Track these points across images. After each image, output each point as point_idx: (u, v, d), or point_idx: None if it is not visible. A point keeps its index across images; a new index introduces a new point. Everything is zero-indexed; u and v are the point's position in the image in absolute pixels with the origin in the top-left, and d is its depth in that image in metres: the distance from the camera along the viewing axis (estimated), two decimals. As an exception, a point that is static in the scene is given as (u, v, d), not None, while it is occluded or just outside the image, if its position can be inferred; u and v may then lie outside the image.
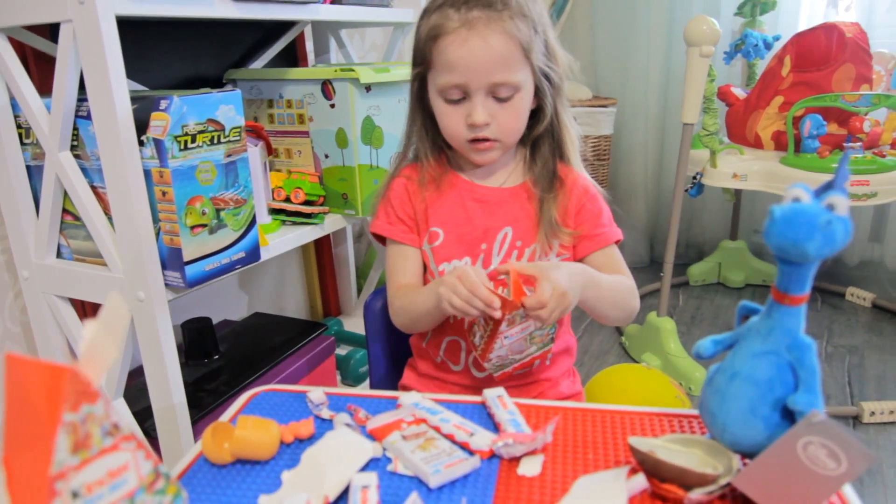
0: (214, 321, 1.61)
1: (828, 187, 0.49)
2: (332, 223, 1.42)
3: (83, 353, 0.41)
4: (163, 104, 0.97)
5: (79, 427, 0.39)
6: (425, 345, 0.99)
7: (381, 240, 0.99)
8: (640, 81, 2.57)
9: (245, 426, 0.60)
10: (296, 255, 1.93)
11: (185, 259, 1.01)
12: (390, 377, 1.10)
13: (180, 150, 0.98)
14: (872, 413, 1.63)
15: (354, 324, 1.89)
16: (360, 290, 2.04)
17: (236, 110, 1.06)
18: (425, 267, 0.97)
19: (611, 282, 0.87)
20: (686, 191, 1.85)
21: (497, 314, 0.72)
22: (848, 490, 0.54)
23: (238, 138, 1.07)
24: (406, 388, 1.05)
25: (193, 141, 1.00)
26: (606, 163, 2.59)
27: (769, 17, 2.18)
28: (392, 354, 1.10)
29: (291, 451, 0.62)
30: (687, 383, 1.78)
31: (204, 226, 1.03)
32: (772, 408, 0.52)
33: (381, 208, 0.98)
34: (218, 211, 1.06)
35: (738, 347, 0.54)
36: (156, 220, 1.01)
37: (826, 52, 1.77)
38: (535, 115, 0.90)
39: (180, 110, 0.97)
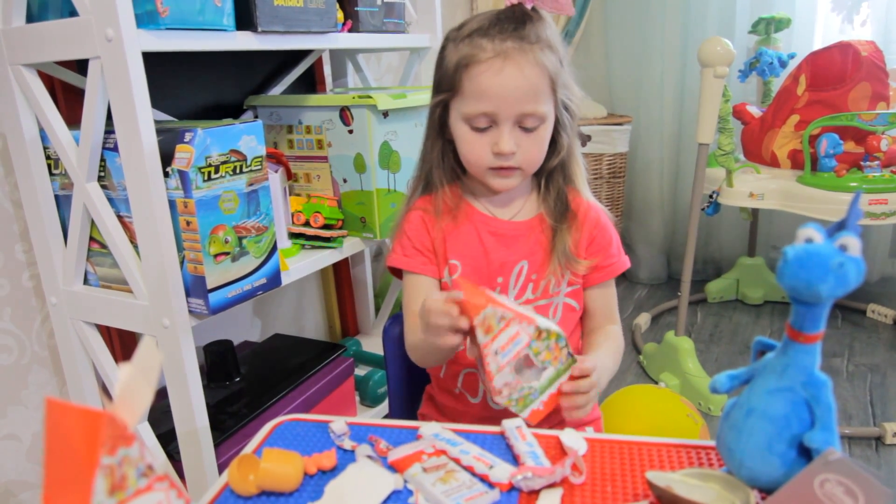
0: (235, 342, 1.63)
1: (840, 227, 0.50)
2: (350, 246, 1.44)
3: (118, 397, 0.42)
4: (187, 136, 0.99)
5: (115, 469, 0.40)
6: (442, 376, 1.00)
7: (398, 273, 1.00)
8: (655, 99, 2.58)
9: (270, 458, 0.62)
10: (314, 276, 1.96)
11: (209, 287, 1.03)
12: (410, 403, 1.11)
13: (204, 180, 1.00)
14: (895, 434, 1.61)
15: (372, 344, 1.90)
16: (377, 310, 2.05)
17: (258, 140, 1.09)
18: None
19: (613, 362, 0.91)
20: (702, 210, 1.85)
21: (458, 319, 0.70)
22: (866, 525, 0.55)
23: (259, 167, 1.10)
24: (425, 417, 1.06)
25: (217, 171, 1.02)
26: (622, 180, 2.60)
27: (784, 34, 2.19)
28: (411, 379, 1.12)
29: (315, 482, 0.64)
30: (706, 403, 1.77)
31: (227, 254, 1.06)
32: (788, 444, 0.52)
33: (396, 242, 0.99)
34: (240, 239, 1.08)
35: (754, 383, 0.55)
36: (180, 248, 1.03)
37: (841, 72, 1.77)
38: (551, 146, 0.91)
39: (204, 142, 0.99)
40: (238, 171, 1.06)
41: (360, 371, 1.74)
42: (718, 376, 0.58)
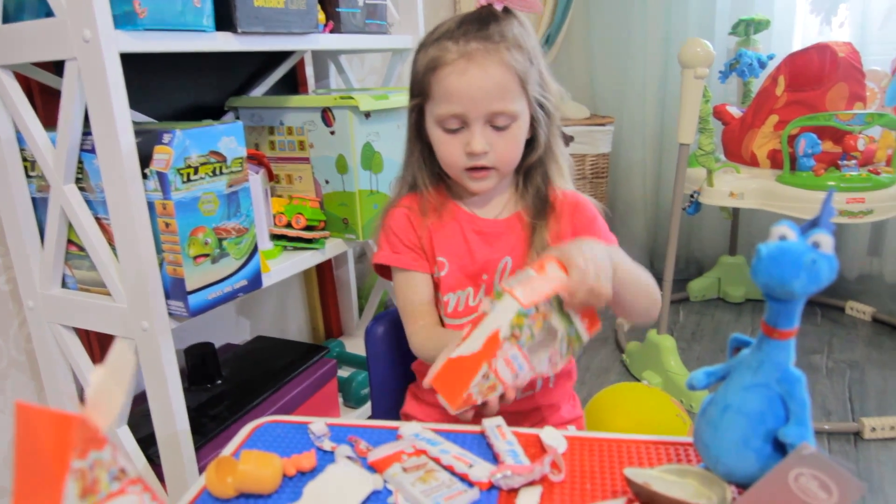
0: (217, 345, 1.62)
1: (813, 224, 0.50)
2: (332, 248, 1.43)
3: (90, 400, 0.42)
4: (166, 138, 0.99)
5: (87, 473, 0.40)
6: None
7: (385, 272, 0.99)
8: (637, 100, 2.60)
9: (248, 460, 0.61)
10: (297, 277, 1.95)
11: (189, 289, 1.02)
12: (392, 403, 1.11)
13: (183, 182, 0.99)
14: (874, 429, 1.63)
15: (356, 345, 1.90)
16: (361, 311, 2.05)
17: (238, 141, 1.08)
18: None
19: (630, 263, 0.84)
20: (683, 209, 1.87)
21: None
22: (841, 519, 0.55)
23: (240, 169, 1.09)
24: (408, 417, 1.06)
25: (196, 173, 1.01)
26: (605, 181, 2.61)
27: (763, 35, 2.21)
28: (394, 380, 1.11)
29: (294, 484, 0.63)
30: (688, 401, 1.78)
31: (206, 255, 1.05)
32: (763, 440, 0.53)
33: (382, 239, 0.98)
34: (220, 240, 1.07)
35: (730, 380, 0.56)
36: (159, 250, 1.02)
37: (819, 72, 1.79)
38: (529, 144, 0.92)
39: (183, 144, 0.99)
40: (218, 172, 1.05)
41: (344, 372, 1.73)
42: (695, 373, 0.58)
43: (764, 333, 0.53)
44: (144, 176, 0.99)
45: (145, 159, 0.99)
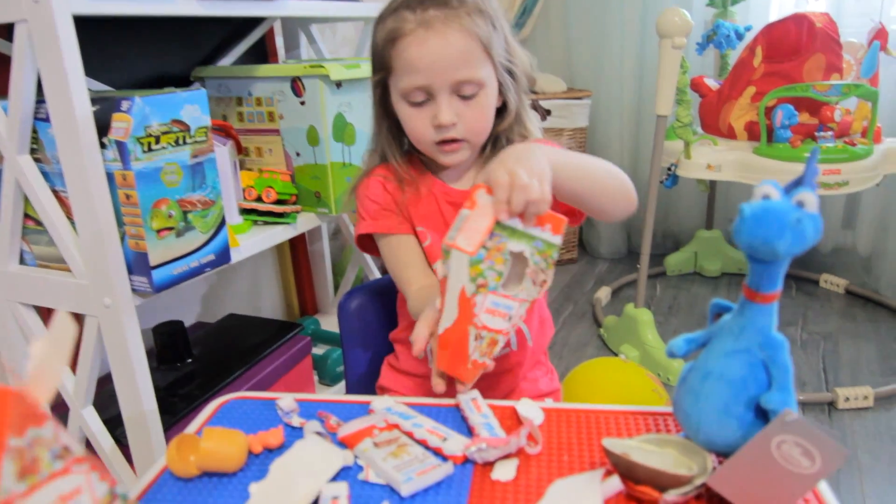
0: (188, 323, 1.58)
1: (797, 184, 0.48)
2: (305, 222, 1.40)
3: (31, 374, 0.39)
4: (124, 105, 0.94)
5: (25, 452, 0.37)
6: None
7: (368, 246, 0.95)
8: (615, 73, 2.58)
9: (211, 438, 0.59)
10: (270, 254, 1.91)
11: (152, 263, 0.99)
12: (367, 379, 1.09)
13: (144, 151, 0.95)
14: (847, 399, 1.65)
15: (332, 322, 1.87)
16: (336, 288, 2.02)
17: (202, 110, 1.04)
18: None
19: (579, 156, 0.78)
20: (661, 182, 1.85)
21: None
22: (823, 487, 0.54)
23: (204, 139, 1.05)
24: (384, 389, 1.04)
25: (157, 142, 0.97)
26: (582, 155, 2.59)
27: (740, 7, 2.19)
28: (369, 356, 1.09)
29: (260, 461, 0.61)
30: (665, 374, 1.79)
31: (171, 229, 1.01)
32: (745, 407, 0.51)
33: (360, 210, 0.94)
34: (185, 213, 1.03)
35: (711, 346, 0.54)
36: (120, 223, 0.98)
37: (796, 43, 1.77)
38: (500, 113, 0.89)
39: (143, 111, 0.94)
40: (181, 142, 1.01)
41: (319, 350, 1.70)
42: (675, 340, 0.56)
43: (746, 297, 0.51)
44: (103, 146, 0.95)
45: (104, 129, 0.95)
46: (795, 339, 2.04)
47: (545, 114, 2.47)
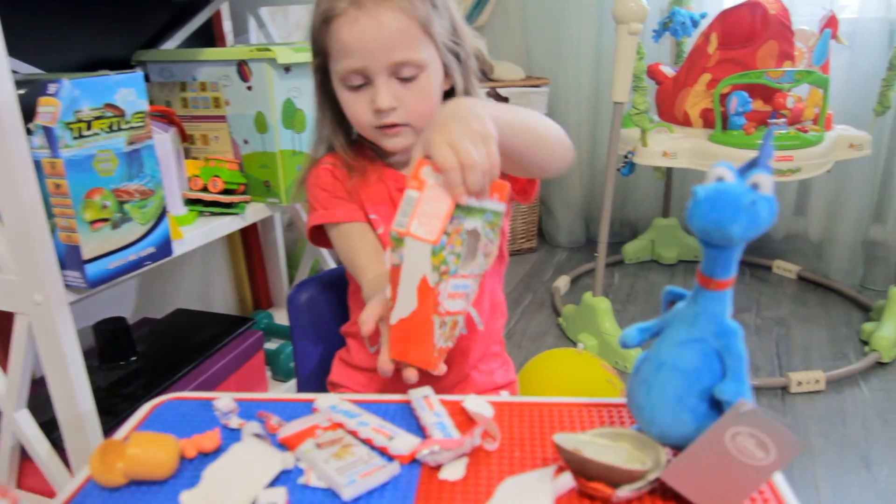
0: (135, 319, 1.52)
1: (752, 165, 0.46)
2: (254, 213, 1.35)
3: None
4: (51, 88, 0.88)
5: None
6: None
7: (321, 239, 0.92)
8: (573, 61, 2.56)
9: (138, 443, 0.55)
10: (221, 246, 1.85)
11: (85, 257, 0.93)
12: (319, 374, 1.05)
13: (74, 138, 0.89)
14: (799, 383, 1.67)
15: (286, 316, 1.82)
16: (291, 281, 1.97)
17: (138, 94, 0.98)
18: None
19: (513, 109, 0.70)
20: (618, 170, 1.85)
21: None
22: (778, 478, 0.53)
23: (141, 124, 0.99)
24: (335, 385, 1.00)
25: (89, 128, 0.91)
26: (541, 143, 2.58)
27: (695, -6, 2.20)
28: (321, 350, 1.05)
29: (194, 467, 0.57)
30: (623, 362, 1.79)
31: (106, 220, 0.95)
32: (699, 398, 0.49)
33: (311, 201, 0.91)
34: (121, 203, 0.98)
35: (665, 335, 0.52)
36: (50, 215, 0.92)
37: (750, 30, 1.78)
38: (450, 95, 0.86)
39: (71, 95, 0.88)
40: (115, 127, 0.95)
41: (272, 345, 1.66)
42: (628, 330, 0.54)
43: (700, 284, 0.49)
44: (29, 132, 0.89)
45: (31, 114, 0.89)
46: (750, 325, 2.06)
47: (503, 102, 2.45)
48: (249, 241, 1.88)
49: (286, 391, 1.55)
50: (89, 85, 0.91)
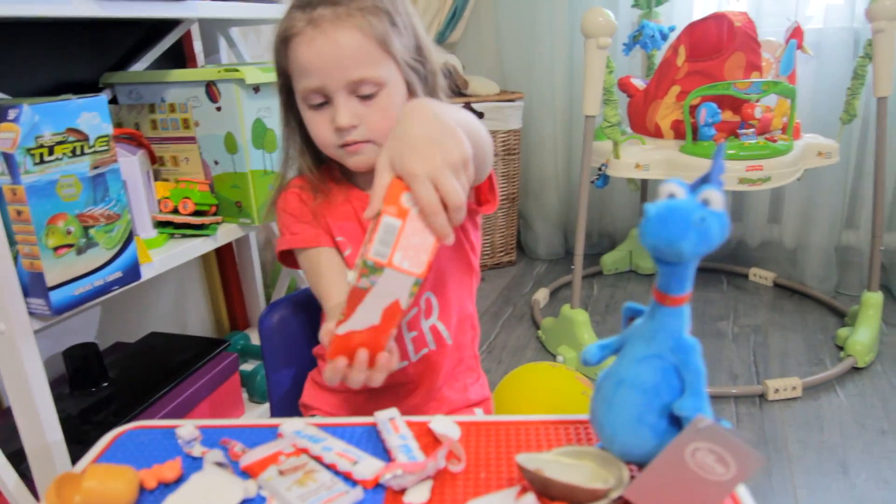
0: (108, 344, 1.50)
1: (704, 181, 0.47)
2: (226, 234, 1.34)
3: None
4: (11, 114, 0.87)
5: None
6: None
7: (291, 261, 0.91)
8: (546, 75, 2.59)
9: (95, 475, 0.53)
10: (196, 268, 1.83)
11: (50, 284, 0.92)
12: (292, 396, 1.04)
13: (35, 163, 0.88)
14: (777, 390, 1.68)
15: (263, 336, 1.80)
16: (268, 302, 1.95)
17: (102, 117, 0.97)
18: None
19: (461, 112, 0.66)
20: (592, 182, 1.86)
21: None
22: (742, 491, 0.53)
23: (106, 148, 0.98)
24: (307, 407, 0.99)
25: (51, 153, 0.90)
26: (517, 157, 2.59)
27: (665, 8, 2.23)
28: (293, 371, 1.04)
29: (154, 498, 0.56)
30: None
31: (70, 246, 0.94)
32: (659, 414, 0.49)
33: (280, 226, 0.91)
34: (86, 229, 0.96)
35: (624, 352, 0.52)
36: (12, 242, 0.91)
37: (717, 42, 1.81)
38: None
39: (32, 120, 0.87)
40: (78, 152, 0.94)
41: (249, 366, 1.64)
42: (588, 347, 0.54)
43: (656, 301, 0.49)
44: (-11, 158, 0.88)
45: (-9, 140, 0.87)
46: (727, 333, 2.08)
47: (478, 117, 2.46)
48: (225, 262, 1.86)
49: (262, 414, 1.53)
50: (50, 110, 0.90)
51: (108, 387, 1.29)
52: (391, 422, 0.65)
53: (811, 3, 2.22)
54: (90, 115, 0.95)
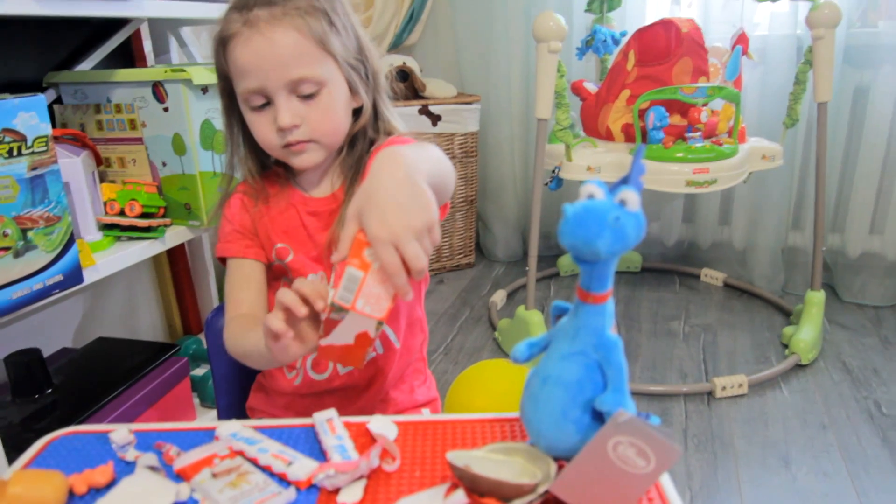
0: (54, 350, 1.46)
1: (623, 182, 0.48)
2: (174, 236, 1.32)
3: None
4: (-58, 114, 0.85)
5: None
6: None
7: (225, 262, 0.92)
8: (503, 78, 2.61)
9: (21, 481, 0.53)
10: (147, 271, 1.80)
11: (-15, 288, 0.90)
12: (239, 400, 1.03)
13: (-32, 165, 0.86)
14: (724, 388, 1.73)
15: (216, 340, 1.78)
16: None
17: (40, 117, 0.95)
18: (274, 280, 0.91)
19: (433, 153, 0.70)
20: (546, 185, 1.88)
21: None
22: (666, 482, 0.55)
23: (45, 149, 0.97)
24: (254, 410, 0.99)
25: (-14, 154, 0.88)
26: (475, 159, 2.61)
27: (617, 13, 2.27)
28: (241, 375, 1.03)
29: (85, 503, 0.55)
30: (557, 373, 1.81)
31: (7, 249, 0.92)
32: (583, 410, 0.51)
33: (220, 230, 0.92)
34: (24, 231, 0.94)
35: (550, 350, 0.53)
36: (-55, 245, 0.89)
37: (665, 47, 1.85)
38: (359, 114, 0.87)
39: (-36, 120, 0.85)
40: (15, 153, 0.92)
41: (201, 371, 1.62)
42: (518, 345, 0.56)
43: (579, 299, 0.51)
44: (-80, 159, 0.85)
45: (-78, 140, 0.85)
46: (678, 333, 2.12)
47: (436, 119, 2.47)
48: (178, 265, 1.83)
49: (213, 419, 1.52)
50: (-15, 110, 0.88)
51: (52, 393, 1.26)
52: (328, 422, 0.65)
53: (757, 10, 2.28)
54: (28, 115, 0.94)
